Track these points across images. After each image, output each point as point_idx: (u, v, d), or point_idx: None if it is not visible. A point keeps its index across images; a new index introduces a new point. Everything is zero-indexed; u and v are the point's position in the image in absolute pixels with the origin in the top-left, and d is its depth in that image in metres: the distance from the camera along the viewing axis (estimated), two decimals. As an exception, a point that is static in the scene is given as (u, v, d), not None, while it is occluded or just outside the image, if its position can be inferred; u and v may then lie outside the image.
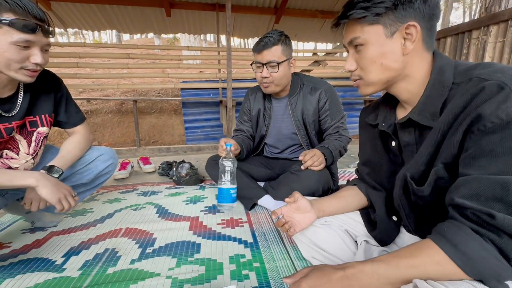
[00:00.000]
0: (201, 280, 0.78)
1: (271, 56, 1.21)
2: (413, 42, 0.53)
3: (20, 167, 0.94)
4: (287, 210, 0.78)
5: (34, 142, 0.95)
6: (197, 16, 3.78)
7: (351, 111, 4.00)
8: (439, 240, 0.45)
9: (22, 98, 0.88)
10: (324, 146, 1.23)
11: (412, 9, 0.52)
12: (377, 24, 0.54)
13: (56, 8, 3.22)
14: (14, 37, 0.71)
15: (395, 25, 0.53)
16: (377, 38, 0.54)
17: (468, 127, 0.47)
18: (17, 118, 0.88)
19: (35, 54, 0.76)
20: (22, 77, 0.78)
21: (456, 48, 2.35)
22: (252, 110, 1.46)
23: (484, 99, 0.45)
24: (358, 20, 0.55)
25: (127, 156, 2.75)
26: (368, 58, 0.56)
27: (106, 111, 4.23)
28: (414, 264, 0.45)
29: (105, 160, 1.13)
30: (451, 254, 0.43)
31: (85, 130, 1.09)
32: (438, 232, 0.46)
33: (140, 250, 0.94)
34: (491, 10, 3.44)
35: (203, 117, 3.64)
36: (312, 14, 3.86)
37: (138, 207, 1.34)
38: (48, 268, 0.85)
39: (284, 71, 1.25)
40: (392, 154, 0.68)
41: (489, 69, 0.49)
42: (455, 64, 0.55)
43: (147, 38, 15.26)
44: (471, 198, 0.44)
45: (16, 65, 0.75)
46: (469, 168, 0.46)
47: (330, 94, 1.33)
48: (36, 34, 0.74)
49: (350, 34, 0.57)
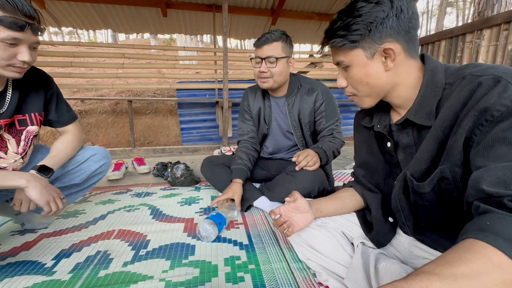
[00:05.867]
0: (195, 282, 0.77)
1: (271, 51, 1.22)
2: (393, 60, 0.56)
3: (8, 166, 0.91)
4: (285, 210, 0.77)
5: (23, 141, 0.93)
6: (194, 17, 3.77)
7: (347, 113, 4.02)
8: (487, 238, 0.36)
9: (11, 95, 0.86)
10: (318, 146, 1.24)
11: (386, 28, 0.54)
12: (357, 48, 0.57)
13: (50, 7, 3.17)
14: (1, 34, 0.69)
15: (374, 47, 0.56)
16: (359, 60, 0.58)
17: (474, 122, 0.46)
18: (5, 116, 0.85)
19: (22, 52, 0.75)
20: (9, 73, 0.77)
21: (450, 52, 2.38)
22: (252, 109, 1.44)
23: (483, 93, 0.46)
24: (339, 47, 0.58)
25: (122, 157, 2.71)
26: (355, 78, 0.60)
27: (100, 111, 4.18)
28: (473, 271, 0.34)
29: (98, 160, 1.10)
30: (508, 252, 0.34)
31: (77, 129, 1.07)
32: (480, 229, 0.38)
33: (133, 253, 0.92)
34: (484, 14, 3.50)
35: (199, 118, 3.62)
36: (309, 16, 3.88)
37: (132, 208, 1.31)
38: (37, 271, 0.82)
39: (283, 67, 1.25)
40: (387, 156, 0.68)
41: (480, 67, 0.51)
42: (445, 66, 0.58)
43: (143, 38, 15.19)
44: (503, 186, 0.39)
45: (2, 62, 0.73)
46: (485, 159, 0.44)
47: (327, 96, 1.33)
48: (25, 32, 0.73)
49: (336, 57, 0.61)
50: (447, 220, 0.59)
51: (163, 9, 3.39)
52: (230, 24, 3.92)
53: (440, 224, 0.61)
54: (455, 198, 0.54)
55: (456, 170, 0.51)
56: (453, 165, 0.51)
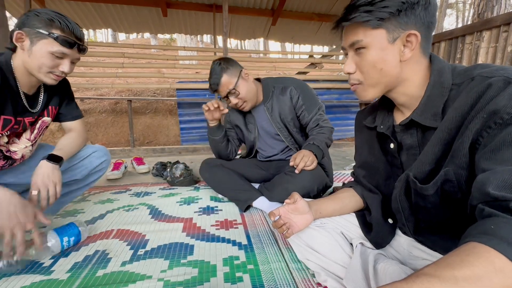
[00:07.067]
0: (193, 282, 0.77)
1: (225, 88, 1.28)
2: (412, 50, 0.54)
3: (18, 151, 1.00)
4: (285, 211, 0.77)
5: (37, 129, 1.03)
6: (194, 17, 3.77)
7: (347, 114, 4.01)
8: (491, 242, 0.35)
9: (43, 95, 1.01)
10: (310, 143, 1.23)
11: (413, 15, 0.52)
12: (380, 29, 0.53)
13: (50, 6, 3.17)
14: (54, 48, 0.85)
15: (397, 31, 0.53)
16: (379, 43, 0.54)
17: (482, 125, 0.46)
18: (38, 113, 1.00)
19: (65, 64, 0.90)
20: (48, 80, 0.90)
21: (450, 53, 2.38)
22: (232, 122, 1.52)
23: (493, 95, 0.45)
24: (361, 24, 0.54)
25: (121, 156, 2.71)
26: (369, 61, 0.56)
27: (100, 110, 4.17)
28: (475, 275, 0.33)
29: (99, 157, 1.16)
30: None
31: (82, 128, 1.14)
32: (484, 233, 0.37)
33: (131, 252, 0.92)
34: (483, 16, 3.50)
35: (198, 118, 3.61)
36: (309, 17, 3.88)
37: (131, 208, 1.31)
38: (35, 271, 0.82)
39: (244, 87, 1.30)
40: (390, 157, 0.68)
41: (489, 68, 0.50)
42: (452, 67, 0.56)
43: (143, 38, 15.17)
44: (510, 190, 0.39)
45: (46, 69, 0.88)
46: (491, 162, 0.43)
47: (301, 89, 1.34)
48: (72, 49, 0.89)
49: (352, 36, 0.56)
50: (449, 222, 0.58)
51: (163, 8, 3.39)
52: (230, 24, 3.92)
53: (441, 225, 0.60)
54: (458, 201, 0.53)
55: (460, 173, 0.50)
56: (458, 167, 0.50)
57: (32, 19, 0.84)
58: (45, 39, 0.84)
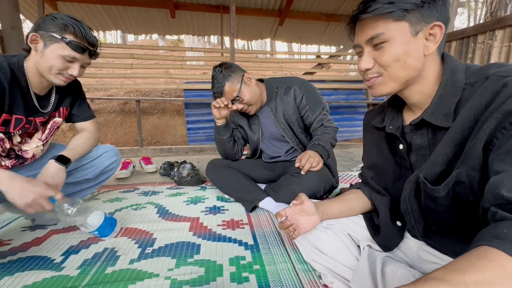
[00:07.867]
0: (200, 281, 0.77)
1: (229, 96, 1.27)
2: (436, 43, 0.53)
3: (29, 150, 1.03)
4: (291, 212, 0.76)
5: (48, 129, 1.05)
6: (201, 18, 3.80)
7: (354, 114, 3.97)
8: (503, 246, 0.34)
9: (55, 97, 1.03)
10: (314, 143, 1.22)
11: (435, 9, 0.51)
12: (403, 21, 0.51)
13: (62, 9, 3.25)
14: (65, 52, 0.88)
15: (420, 24, 0.51)
16: (403, 35, 0.52)
17: (497, 125, 0.44)
18: (49, 113, 1.03)
19: (74, 68, 0.92)
20: (57, 81, 0.92)
21: (461, 52, 2.34)
22: (236, 122, 1.51)
23: (508, 95, 0.44)
24: (383, 16, 0.51)
25: (129, 156, 2.75)
26: (392, 55, 0.53)
27: (109, 110, 4.25)
28: (486, 280, 0.32)
29: (110, 157, 1.18)
30: None
31: (94, 128, 1.16)
32: (496, 237, 0.36)
33: (139, 250, 0.93)
34: (496, 15, 3.42)
35: (205, 118, 3.63)
36: (316, 17, 3.86)
37: (139, 206, 1.33)
38: (46, 267, 0.84)
39: (248, 92, 1.29)
40: (398, 158, 0.66)
41: (505, 67, 0.48)
42: (466, 66, 0.55)
43: (152, 39, 15.37)
44: None
45: (56, 70, 0.90)
46: (505, 164, 0.42)
47: (305, 89, 1.33)
48: (83, 55, 0.91)
49: (371, 30, 0.53)
50: (459, 225, 0.57)
51: (171, 10, 3.43)
52: (238, 25, 3.94)
53: (451, 228, 0.59)
54: (470, 203, 0.51)
55: (473, 175, 0.49)
56: (471, 169, 0.49)
57: (48, 22, 0.86)
58: (57, 43, 0.86)
